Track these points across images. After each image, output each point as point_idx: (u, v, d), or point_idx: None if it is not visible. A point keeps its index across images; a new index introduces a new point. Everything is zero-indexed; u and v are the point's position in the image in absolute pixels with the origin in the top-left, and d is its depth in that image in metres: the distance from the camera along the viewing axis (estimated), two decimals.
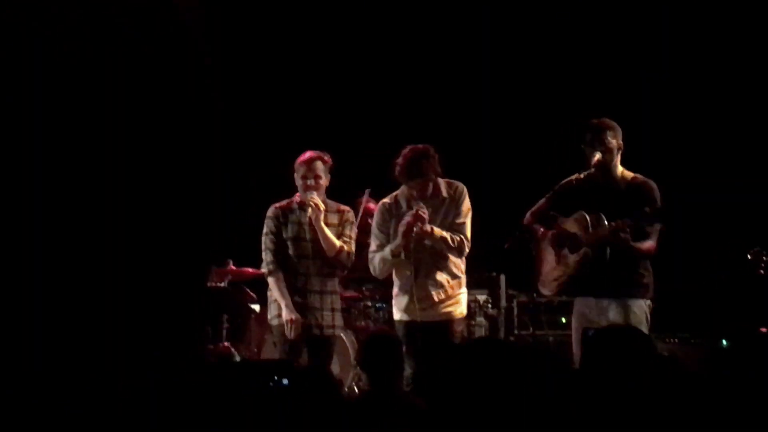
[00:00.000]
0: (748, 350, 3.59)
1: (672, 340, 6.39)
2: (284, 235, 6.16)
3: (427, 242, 5.91)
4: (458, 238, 5.93)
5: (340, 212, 6.22)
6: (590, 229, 5.73)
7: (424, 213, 5.87)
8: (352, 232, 6.22)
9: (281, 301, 6.10)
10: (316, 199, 6.08)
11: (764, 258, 6.17)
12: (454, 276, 6.00)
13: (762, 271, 6.15)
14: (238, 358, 7.41)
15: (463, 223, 5.99)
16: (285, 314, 6.05)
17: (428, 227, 5.87)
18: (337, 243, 6.10)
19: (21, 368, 6.15)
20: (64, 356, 6.45)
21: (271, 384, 2.83)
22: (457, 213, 5.99)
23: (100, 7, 7.63)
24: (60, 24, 7.58)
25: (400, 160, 5.90)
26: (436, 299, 5.95)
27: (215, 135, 8.48)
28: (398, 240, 5.92)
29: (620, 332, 3.39)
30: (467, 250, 6.00)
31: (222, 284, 7.66)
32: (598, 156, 5.81)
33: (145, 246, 7.66)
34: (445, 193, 5.99)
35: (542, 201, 6.03)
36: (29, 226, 7.35)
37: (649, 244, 5.73)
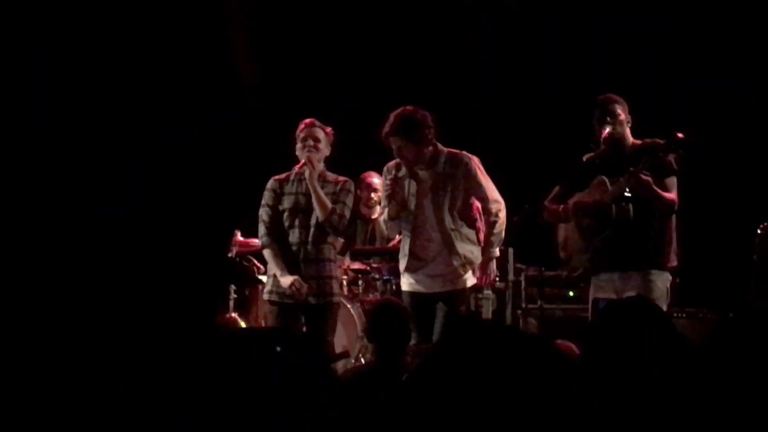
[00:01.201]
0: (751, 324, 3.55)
1: (680, 314, 6.36)
2: (280, 207, 6.14)
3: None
4: (493, 215, 5.98)
5: (338, 183, 6.18)
6: (610, 187, 5.72)
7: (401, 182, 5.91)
8: (347, 199, 6.16)
9: (276, 271, 6.08)
10: (313, 158, 6.07)
11: None
12: (461, 249, 6.00)
13: None
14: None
15: (486, 189, 6.01)
16: (283, 281, 6.02)
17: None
18: (329, 204, 6.05)
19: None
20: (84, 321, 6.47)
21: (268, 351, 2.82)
22: (473, 184, 5.99)
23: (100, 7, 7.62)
24: (60, 24, 7.57)
25: (388, 119, 5.93)
26: (442, 269, 5.96)
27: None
28: (386, 203, 6.05)
29: (634, 306, 3.25)
30: (503, 212, 6.03)
31: (229, 255, 7.65)
32: (608, 129, 5.80)
33: (162, 219, 7.71)
34: (441, 166, 5.99)
35: (557, 187, 6.01)
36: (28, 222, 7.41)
37: (669, 195, 5.69)
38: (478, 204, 6.06)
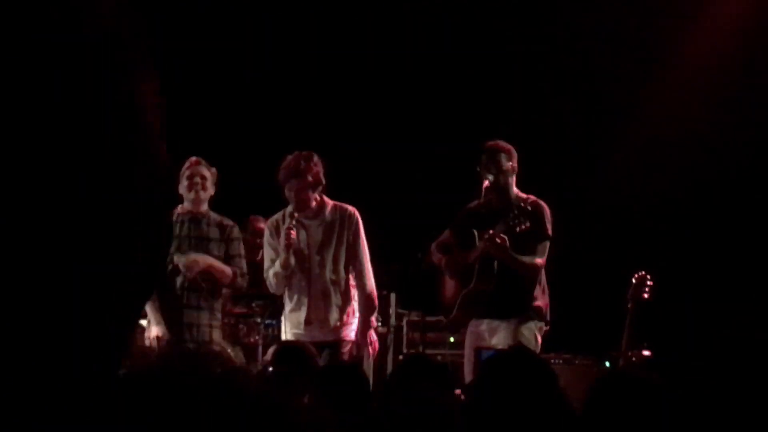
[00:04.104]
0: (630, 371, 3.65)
1: (556, 360, 6.48)
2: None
3: (328, 276, 5.98)
4: (358, 268, 5.98)
5: (223, 227, 6.04)
6: (478, 242, 5.83)
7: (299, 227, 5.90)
8: (240, 248, 6.07)
9: (150, 314, 5.90)
10: (200, 196, 5.92)
11: (648, 282, 6.32)
12: (347, 299, 6.02)
13: (646, 295, 6.30)
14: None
15: (362, 251, 6.00)
16: (150, 332, 5.87)
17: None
18: (229, 270, 5.94)
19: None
20: None
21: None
22: (353, 238, 5.98)
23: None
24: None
25: (283, 163, 5.91)
26: (329, 318, 5.96)
27: None
28: (283, 254, 5.92)
29: (514, 355, 3.35)
30: (367, 280, 6.02)
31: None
32: (488, 180, 5.90)
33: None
34: (329, 215, 5.99)
35: (445, 232, 6.11)
36: None
37: (532, 259, 5.81)
38: None
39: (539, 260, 5.85)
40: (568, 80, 8.43)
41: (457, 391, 3.78)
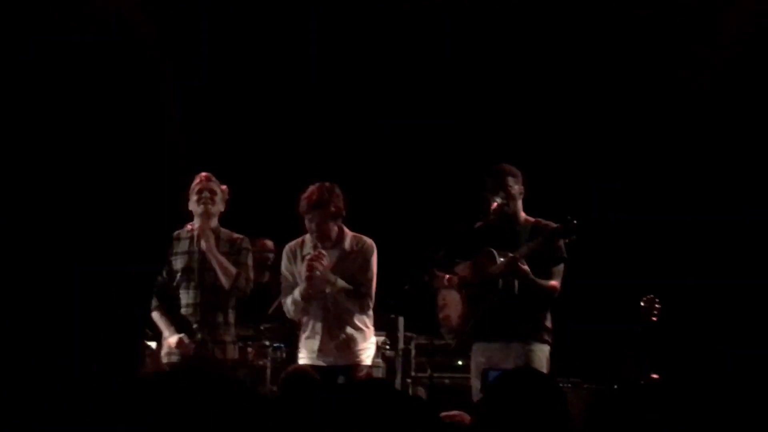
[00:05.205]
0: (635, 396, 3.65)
1: (565, 384, 6.47)
2: (174, 267, 6.02)
3: (327, 289, 5.91)
4: (361, 294, 5.95)
5: (233, 240, 6.08)
6: (498, 260, 5.83)
7: (323, 256, 5.88)
8: (248, 259, 6.09)
9: (164, 331, 5.96)
10: (210, 210, 5.98)
11: (657, 305, 6.32)
12: (361, 328, 6.05)
13: (654, 318, 6.30)
14: None
15: (368, 281, 6.00)
16: (170, 341, 5.91)
17: (331, 276, 5.89)
18: (233, 270, 5.96)
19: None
20: None
21: None
22: (363, 269, 5.99)
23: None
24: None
25: (305, 193, 5.92)
26: (344, 347, 5.99)
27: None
28: (304, 283, 5.92)
29: (525, 374, 3.37)
30: (370, 308, 6.04)
31: None
32: (498, 201, 5.92)
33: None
34: (348, 245, 6.01)
35: (441, 252, 6.11)
36: None
37: (551, 283, 5.83)
38: None
39: (554, 283, 5.87)
40: (573, 101, 8.48)
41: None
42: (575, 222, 5.68)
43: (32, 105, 7.17)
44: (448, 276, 6.06)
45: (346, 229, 6.05)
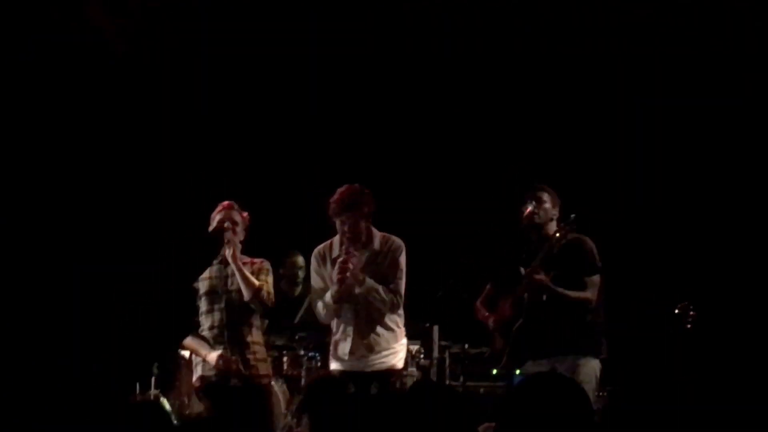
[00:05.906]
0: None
1: (601, 393, 6.49)
2: (199, 292, 6.07)
3: (357, 290, 5.83)
4: (391, 293, 5.88)
5: (254, 264, 6.08)
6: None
7: (354, 255, 5.80)
8: (268, 277, 6.07)
9: (199, 350, 6.00)
10: (233, 237, 5.96)
11: (691, 312, 6.36)
12: (392, 328, 5.96)
13: (689, 326, 6.34)
14: (167, 407, 7.13)
15: (398, 279, 5.92)
16: (210, 357, 5.93)
17: (360, 275, 5.81)
18: (256, 282, 5.95)
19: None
20: None
21: None
22: (392, 268, 5.92)
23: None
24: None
25: (335, 196, 5.85)
26: (375, 349, 5.89)
27: None
28: (335, 286, 5.85)
29: (546, 377, 3.40)
30: (400, 307, 5.96)
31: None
32: (530, 208, 5.93)
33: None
34: (378, 245, 5.94)
35: (487, 287, 6.11)
36: None
37: (583, 294, 5.82)
38: None
39: (588, 294, 5.84)
40: (573, 101, 8.53)
41: None
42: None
43: (32, 105, 7.04)
44: (488, 315, 6.11)
45: (374, 229, 5.99)
